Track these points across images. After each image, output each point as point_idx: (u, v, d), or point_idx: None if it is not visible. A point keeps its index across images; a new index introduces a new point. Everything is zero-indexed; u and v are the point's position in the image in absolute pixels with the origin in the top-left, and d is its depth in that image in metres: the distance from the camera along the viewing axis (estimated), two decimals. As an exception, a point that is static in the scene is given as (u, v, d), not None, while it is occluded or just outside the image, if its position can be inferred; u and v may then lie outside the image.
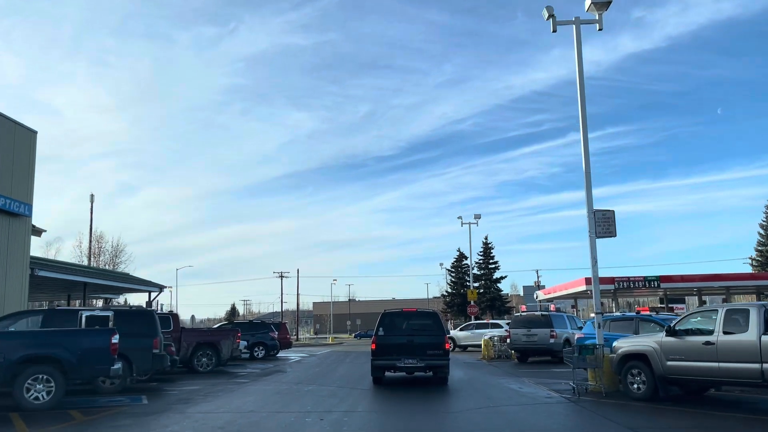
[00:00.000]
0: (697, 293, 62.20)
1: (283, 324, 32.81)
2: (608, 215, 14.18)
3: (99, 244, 70.49)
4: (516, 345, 24.18)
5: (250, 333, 27.92)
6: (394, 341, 14.70)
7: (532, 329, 23.75)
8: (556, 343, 23.18)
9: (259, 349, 27.72)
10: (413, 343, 14.61)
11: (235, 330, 21.18)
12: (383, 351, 14.68)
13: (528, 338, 23.77)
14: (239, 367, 22.76)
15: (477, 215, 44.55)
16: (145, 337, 14.05)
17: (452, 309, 62.44)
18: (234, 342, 20.66)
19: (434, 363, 14.70)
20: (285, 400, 12.65)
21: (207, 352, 20.04)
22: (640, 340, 12.29)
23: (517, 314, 24.96)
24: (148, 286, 35.39)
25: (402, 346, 14.55)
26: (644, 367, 11.68)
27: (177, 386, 15.52)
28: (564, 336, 23.69)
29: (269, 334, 28.16)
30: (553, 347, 23.18)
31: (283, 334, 31.28)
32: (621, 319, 16.28)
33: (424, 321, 15.55)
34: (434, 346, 14.61)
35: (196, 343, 19.97)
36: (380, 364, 14.89)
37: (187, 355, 19.75)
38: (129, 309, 14.51)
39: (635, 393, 11.86)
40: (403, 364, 14.55)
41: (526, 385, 15.29)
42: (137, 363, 13.85)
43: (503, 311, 61.78)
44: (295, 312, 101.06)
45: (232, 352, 20.60)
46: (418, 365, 14.57)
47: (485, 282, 59.56)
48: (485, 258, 61.43)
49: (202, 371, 19.79)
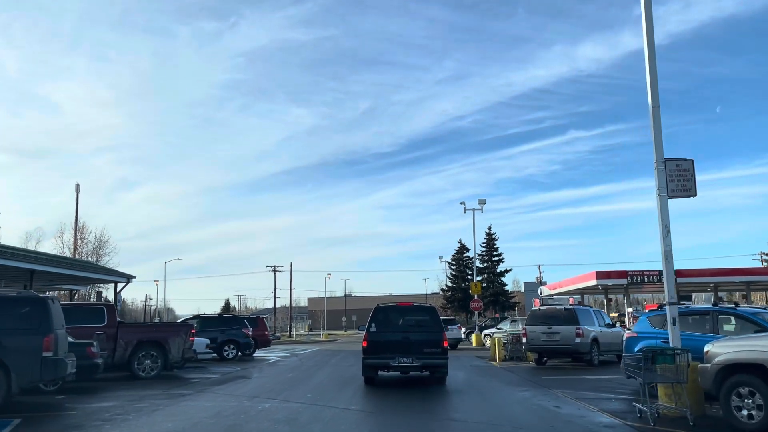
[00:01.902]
0: (713, 288, 58.50)
1: (261, 319, 28.62)
2: (685, 167, 10.11)
3: (81, 235, 66.89)
4: (534, 345, 20.12)
5: (219, 329, 23.87)
6: (387, 338, 13.57)
7: (553, 326, 19.69)
8: (582, 342, 19.14)
9: (230, 348, 23.64)
10: (408, 340, 13.45)
11: (188, 325, 17.02)
12: (376, 349, 13.54)
13: (549, 337, 19.71)
14: (197, 370, 18.68)
15: (482, 201, 40.50)
16: (30, 335, 9.97)
17: (453, 304, 58.34)
18: (187, 340, 16.56)
19: (431, 362, 13.53)
20: (217, 428, 8.58)
21: (151, 352, 15.97)
22: (752, 343, 8.20)
23: (535, 309, 20.87)
24: (113, 276, 31.22)
25: (396, 344, 13.41)
26: (761, 385, 7.63)
27: (85, 401, 11.43)
28: (591, 335, 19.65)
29: (242, 330, 24.07)
30: (579, 348, 19.13)
31: (261, 330, 27.16)
32: (690, 313, 12.08)
33: (420, 316, 14.36)
34: (431, 344, 13.48)
35: (136, 341, 15.89)
36: (372, 363, 13.69)
37: (125, 357, 15.69)
38: (9, 296, 10.42)
39: (745, 423, 7.80)
40: (397, 363, 13.40)
41: (564, 401, 11.22)
42: (18, 371, 9.76)
43: (507, 307, 57.76)
44: (291, 307, 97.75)
45: (183, 353, 16.50)
46: (413, 364, 13.40)
47: (488, 275, 55.40)
48: (488, 250, 57.27)
49: (144, 376, 15.74)
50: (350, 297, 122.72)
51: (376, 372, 14.13)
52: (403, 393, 12.90)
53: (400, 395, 12.53)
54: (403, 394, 12.81)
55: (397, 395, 12.52)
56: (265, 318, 28.88)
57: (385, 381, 14.80)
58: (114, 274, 32.48)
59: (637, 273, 50.42)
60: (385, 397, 12.17)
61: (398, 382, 14.63)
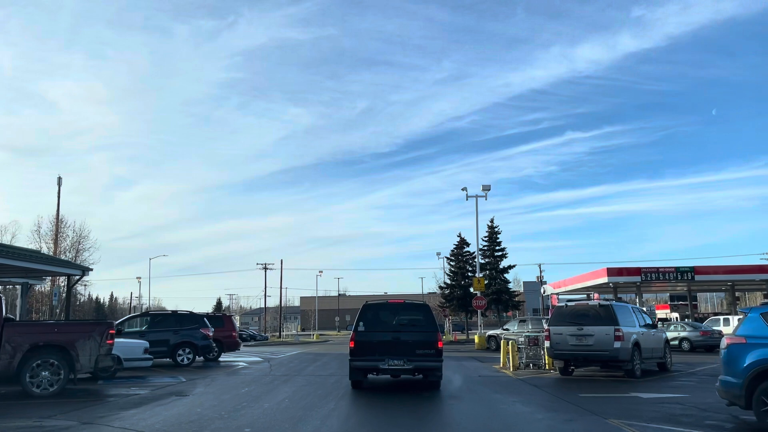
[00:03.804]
0: (730, 288, 54.64)
1: (227, 317, 24.20)
2: None
3: (58, 228, 63.02)
4: (560, 350, 15.96)
5: (171, 329, 19.63)
6: (376, 338, 12.49)
7: (585, 327, 15.56)
8: (623, 348, 15.01)
9: (185, 353, 19.40)
10: (400, 340, 12.41)
11: (104, 324, 12.65)
12: (363, 350, 12.44)
13: (579, 340, 15.57)
14: (129, 382, 14.43)
15: (486, 186, 36.28)
16: None
17: (451, 303, 54.09)
18: (103, 342, 12.33)
19: (425, 365, 12.40)
20: None
21: (50, 360, 11.75)
22: None
23: (561, 305, 16.69)
24: (64, 267, 26.94)
25: (386, 345, 12.36)
26: None
27: None
28: (633, 338, 15.52)
29: (200, 330, 19.82)
30: (618, 354, 15.00)
31: (227, 330, 22.90)
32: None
33: (413, 315, 13.29)
34: (425, 345, 12.41)
35: (29, 345, 11.65)
36: (360, 365, 12.55)
37: (11, 367, 11.46)
38: None
39: None
40: (387, 366, 12.30)
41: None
42: None
43: (511, 306, 53.56)
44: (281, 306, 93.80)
45: (98, 360, 12.26)
46: (405, 367, 12.31)
47: (490, 272, 51.11)
48: (490, 244, 53.00)
49: (39, 393, 11.53)
50: (344, 296, 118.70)
51: (365, 375, 12.92)
52: (393, 412, 8.78)
53: (388, 419, 8.39)
54: (392, 414, 8.70)
55: (385, 419, 8.38)
56: (232, 316, 24.60)
57: (370, 391, 10.69)
58: (66, 265, 28.28)
59: (652, 270, 46.55)
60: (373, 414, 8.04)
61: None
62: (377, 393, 12.45)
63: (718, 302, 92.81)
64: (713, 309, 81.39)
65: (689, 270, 45.22)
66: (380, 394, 12.25)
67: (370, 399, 11.57)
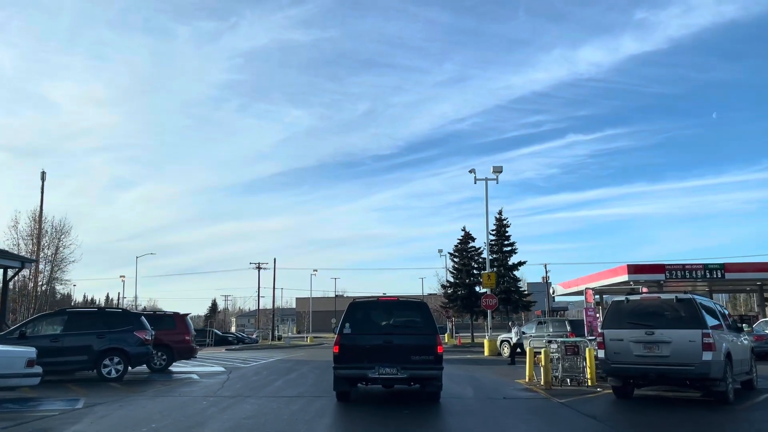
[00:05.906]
0: (758, 288, 50.02)
1: (179, 316, 19.22)
2: None
3: (37, 224, 58.80)
4: (620, 363, 11.26)
5: (95, 332, 14.98)
6: (365, 342, 10.71)
7: (656, 330, 10.90)
8: (715, 361, 10.35)
9: (112, 363, 14.75)
10: (392, 344, 10.61)
11: None
12: (350, 356, 10.60)
13: (649, 349, 10.90)
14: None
15: (497, 168, 31.67)
16: None
17: (455, 303, 49.35)
18: None
19: (422, 373, 10.54)
20: None
21: None
22: None
23: (620, 300, 12.03)
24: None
25: (376, 350, 10.56)
26: None
27: None
28: (724, 347, 10.88)
29: (134, 334, 15.16)
30: (710, 371, 10.33)
31: (179, 333, 18.18)
32: None
33: (407, 315, 11.48)
34: (421, 350, 10.58)
35: None
36: (345, 374, 10.66)
37: None
38: None
39: None
40: (377, 375, 10.44)
41: None
42: None
43: (521, 306, 48.85)
44: (278, 307, 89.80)
45: None
46: (398, 376, 10.47)
47: (499, 269, 46.33)
48: (498, 238, 48.19)
49: None
50: (341, 297, 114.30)
51: (352, 386, 11.17)
52: None
53: None
54: None
55: None
56: (187, 315, 19.85)
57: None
58: (3, 256, 23.78)
59: (677, 267, 41.86)
60: None
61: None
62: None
63: (732, 304, 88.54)
64: (731, 311, 77.03)
65: (719, 267, 40.61)
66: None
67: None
